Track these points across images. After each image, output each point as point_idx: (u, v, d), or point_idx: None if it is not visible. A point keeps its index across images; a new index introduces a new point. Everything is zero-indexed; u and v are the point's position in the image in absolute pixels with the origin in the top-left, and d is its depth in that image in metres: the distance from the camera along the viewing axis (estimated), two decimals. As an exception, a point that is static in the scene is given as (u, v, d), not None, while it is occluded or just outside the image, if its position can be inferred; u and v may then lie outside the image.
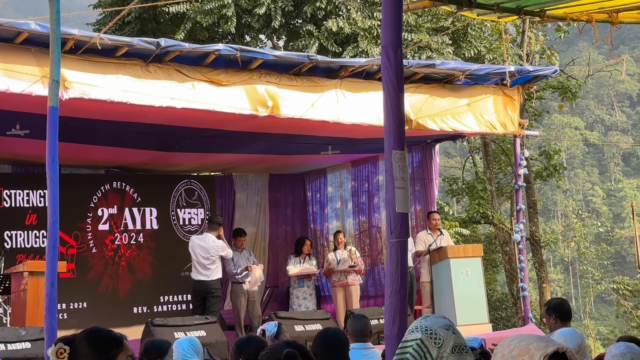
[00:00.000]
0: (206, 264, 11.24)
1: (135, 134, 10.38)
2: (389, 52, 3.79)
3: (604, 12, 7.53)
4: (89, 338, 2.76)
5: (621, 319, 31.81)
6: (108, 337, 2.79)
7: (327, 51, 16.56)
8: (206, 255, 11.23)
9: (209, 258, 11.22)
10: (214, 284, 11.25)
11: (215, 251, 11.24)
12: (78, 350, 2.71)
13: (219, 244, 11.31)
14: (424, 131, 10.81)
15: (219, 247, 11.30)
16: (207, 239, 11.35)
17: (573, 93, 21.70)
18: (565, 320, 5.94)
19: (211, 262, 11.24)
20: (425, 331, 2.67)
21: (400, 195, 3.66)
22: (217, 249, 11.26)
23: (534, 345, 2.34)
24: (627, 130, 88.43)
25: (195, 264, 11.29)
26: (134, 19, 17.73)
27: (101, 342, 2.76)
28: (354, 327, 5.65)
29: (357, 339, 5.56)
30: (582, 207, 73.23)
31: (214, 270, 11.26)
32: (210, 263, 11.24)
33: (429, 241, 11.66)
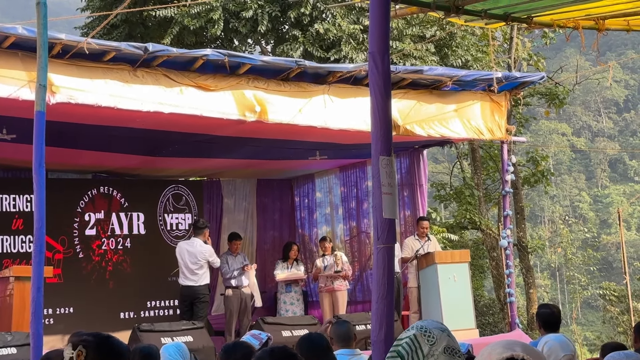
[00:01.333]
0: (194, 269, 11.20)
1: (123, 138, 10.35)
2: (376, 58, 3.80)
3: (591, 19, 7.57)
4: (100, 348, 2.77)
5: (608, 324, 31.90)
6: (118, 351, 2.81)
7: (312, 56, 16.60)
8: (194, 260, 11.20)
9: (196, 263, 11.20)
10: (201, 290, 11.23)
11: (202, 256, 11.22)
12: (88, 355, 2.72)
13: (206, 249, 11.30)
14: (411, 137, 10.83)
15: (205, 251, 11.28)
16: (194, 244, 11.32)
17: (560, 99, 21.80)
18: (550, 329, 5.96)
19: (199, 267, 11.21)
20: (420, 329, 2.72)
21: (387, 201, 3.66)
22: (204, 253, 11.24)
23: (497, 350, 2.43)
24: (614, 136, 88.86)
25: (183, 269, 11.25)
26: (121, 22, 17.71)
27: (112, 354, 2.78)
28: (337, 333, 5.64)
29: (342, 344, 5.55)
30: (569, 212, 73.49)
31: (201, 275, 11.24)
32: (197, 268, 11.21)
33: (416, 247, 11.69)
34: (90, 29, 18.21)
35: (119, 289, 12.07)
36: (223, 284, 12.20)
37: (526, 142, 18.49)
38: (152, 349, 5.53)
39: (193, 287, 11.21)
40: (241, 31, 17.07)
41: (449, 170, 27.13)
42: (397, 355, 2.72)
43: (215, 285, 13.70)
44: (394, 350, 2.73)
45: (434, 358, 2.69)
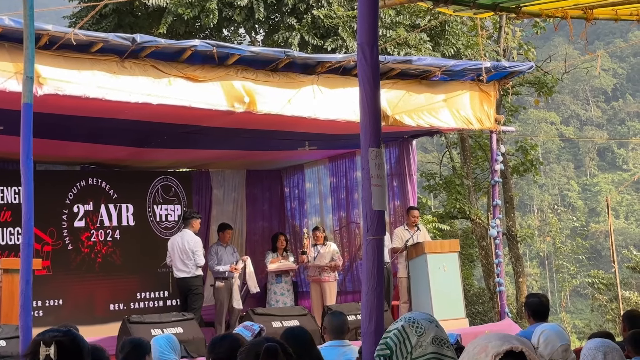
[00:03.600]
0: (184, 259, 11.19)
1: (111, 130, 10.31)
2: (365, 49, 3.79)
3: (579, 8, 7.58)
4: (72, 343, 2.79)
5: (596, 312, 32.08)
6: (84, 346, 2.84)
7: (307, 44, 16.59)
8: (184, 250, 11.18)
9: (185, 253, 11.18)
10: (193, 281, 11.20)
11: (188, 246, 11.16)
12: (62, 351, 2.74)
13: (192, 240, 11.23)
14: (400, 127, 10.82)
15: (191, 241, 11.19)
16: (184, 235, 11.30)
17: (549, 88, 21.84)
18: (539, 318, 5.98)
19: (187, 257, 11.18)
20: (408, 320, 2.74)
21: (376, 193, 3.66)
22: (189, 243, 11.16)
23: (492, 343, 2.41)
24: (602, 125, 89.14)
25: (175, 261, 11.23)
26: (110, 12, 17.63)
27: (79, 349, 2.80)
28: (332, 325, 5.64)
29: (335, 336, 5.56)
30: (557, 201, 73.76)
31: (191, 265, 11.21)
32: (187, 259, 11.18)
33: (406, 237, 11.70)
34: (79, 18, 18.13)
35: (108, 281, 12.05)
36: (212, 275, 12.18)
37: (515, 132, 18.52)
38: (142, 341, 5.52)
39: (185, 278, 11.19)
40: (236, 19, 17.03)
41: (438, 160, 27.17)
42: (386, 346, 2.73)
43: (205, 276, 13.69)
44: (383, 342, 2.75)
45: (422, 349, 2.70)
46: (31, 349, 2.80)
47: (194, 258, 11.18)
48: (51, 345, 2.74)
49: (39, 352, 2.74)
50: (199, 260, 11.20)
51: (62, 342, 2.79)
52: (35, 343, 2.80)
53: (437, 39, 18.11)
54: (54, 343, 2.76)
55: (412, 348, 2.70)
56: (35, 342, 2.80)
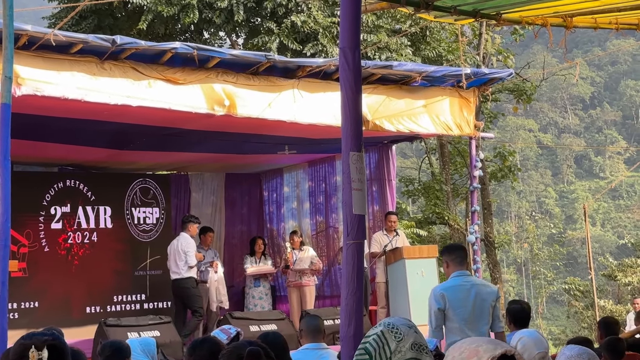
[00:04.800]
0: (177, 260, 11.35)
1: (90, 131, 10.25)
2: (347, 54, 3.79)
3: (559, 16, 7.63)
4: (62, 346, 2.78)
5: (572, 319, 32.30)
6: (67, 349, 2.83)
7: (287, 49, 16.58)
8: (177, 251, 11.36)
9: (178, 254, 11.35)
10: (184, 282, 11.31)
11: (181, 247, 11.34)
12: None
13: (184, 242, 11.42)
14: (380, 132, 10.84)
15: (183, 243, 11.38)
16: (179, 238, 11.55)
17: (528, 95, 21.99)
18: (520, 325, 6.00)
19: (179, 258, 11.34)
20: (387, 325, 2.74)
21: (357, 197, 3.66)
22: (182, 244, 11.36)
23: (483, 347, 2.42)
24: (580, 132, 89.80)
25: (170, 263, 11.42)
26: (90, 13, 17.55)
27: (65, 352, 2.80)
28: (307, 327, 5.66)
29: (311, 338, 5.57)
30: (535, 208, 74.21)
31: (182, 266, 11.33)
32: (179, 259, 11.34)
33: (384, 242, 11.71)
34: (58, 19, 18.03)
35: (85, 283, 11.95)
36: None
37: (494, 138, 18.61)
38: (123, 344, 5.48)
39: (176, 280, 11.34)
40: (215, 21, 17.00)
41: (417, 165, 27.27)
42: (365, 352, 2.73)
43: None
44: (362, 347, 2.75)
45: (401, 354, 2.70)
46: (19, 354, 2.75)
47: (185, 258, 11.30)
48: (44, 349, 2.72)
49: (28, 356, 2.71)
50: (190, 260, 11.32)
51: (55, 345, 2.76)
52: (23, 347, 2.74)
53: (417, 44, 18.18)
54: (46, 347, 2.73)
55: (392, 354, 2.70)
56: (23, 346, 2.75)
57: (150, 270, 12.44)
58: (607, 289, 31.62)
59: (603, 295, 29.56)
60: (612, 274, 29.00)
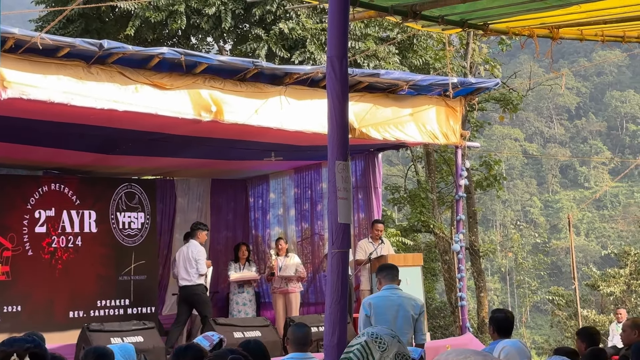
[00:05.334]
0: (187, 267, 11.47)
1: (76, 135, 10.21)
2: (334, 62, 3.80)
3: (545, 27, 7.68)
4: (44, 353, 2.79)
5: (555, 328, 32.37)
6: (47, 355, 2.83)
7: (275, 56, 16.58)
8: (188, 259, 11.47)
9: (189, 261, 11.46)
10: (195, 289, 11.43)
11: (191, 255, 11.49)
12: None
13: (195, 249, 11.56)
14: (367, 140, 10.86)
15: (194, 251, 11.53)
16: (189, 245, 11.66)
17: (514, 105, 22.07)
18: (503, 334, 6.01)
19: (190, 265, 11.45)
20: (371, 335, 2.74)
21: (342, 206, 3.66)
22: (193, 252, 11.51)
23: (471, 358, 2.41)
24: (565, 142, 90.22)
25: (180, 270, 11.52)
26: (77, 17, 17.49)
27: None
28: (295, 336, 5.63)
29: (297, 348, 5.54)
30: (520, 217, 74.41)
31: (193, 274, 11.45)
32: (190, 267, 11.45)
33: (369, 250, 11.71)
34: (45, 22, 17.97)
35: (68, 288, 11.89)
36: (177, 284, 12.16)
37: (480, 147, 18.68)
38: (107, 350, 5.46)
39: (187, 286, 11.43)
40: (203, 27, 16.99)
41: (403, 173, 27.30)
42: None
43: (166, 284, 13.60)
44: (346, 357, 2.75)
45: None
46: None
47: (197, 266, 11.45)
48: (25, 357, 2.70)
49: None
50: (201, 268, 11.48)
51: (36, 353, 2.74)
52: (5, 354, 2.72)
53: (404, 52, 18.23)
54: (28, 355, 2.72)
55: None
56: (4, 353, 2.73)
57: (134, 275, 12.39)
58: (591, 298, 31.70)
59: (586, 305, 29.64)
60: (595, 283, 29.10)
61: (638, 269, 28.07)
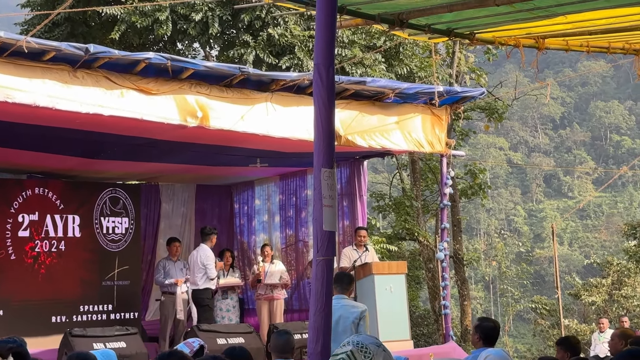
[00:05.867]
0: (196, 272, 11.61)
1: (61, 139, 10.17)
2: (321, 70, 3.80)
3: (531, 37, 7.73)
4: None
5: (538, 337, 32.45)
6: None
7: (262, 62, 16.57)
8: (196, 263, 11.62)
9: (197, 265, 11.61)
10: (200, 293, 11.59)
11: (200, 259, 11.63)
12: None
13: (203, 254, 11.70)
14: (352, 147, 10.87)
15: (203, 255, 11.68)
16: (199, 250, 11.81)
17: (499, 114, 22.15)
18: (489, 343, 6.02)
19: (198, 269, 11.62)
20: (357, 344, 2.74)
21: (328, 214, 3.66)
22: (201, 257, 11.66)
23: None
24: (550, 152, 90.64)
25: (193, 275, 11.65)
26: (63, 20, 17.42)
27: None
28: (277, 343, 5.62)
29: (280, 355, 5.53)
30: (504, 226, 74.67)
31: (200, 278, 11.60)
32: (198, 271, 11.62)
33: (353, 257, 11.70)
34: (31, 26, 17.90)
35: (51, 292, 11.82)
36: (160, 289, 12.13)
37: (465, 156, 18.74)
38: (89, 356, 5.42)
39: (195, 290, 11.62)
40: (190, 33, 16.97)
41: (388, 181, 27.34)
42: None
43: (150, 290, 13.55)
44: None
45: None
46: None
47: (205, 271, 11.60)
48: (9, 357, 2.72)
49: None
50: (210, 273, 11.65)
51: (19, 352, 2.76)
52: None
53: (391, 60, 18.27)
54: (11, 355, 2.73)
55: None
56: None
57: (118, 280, 12.33)
58: (573, 308, 31.80)
59: (569, 314, 29.73)
60: (578, 293, 29.20)
61: (620, 278, 28.20)
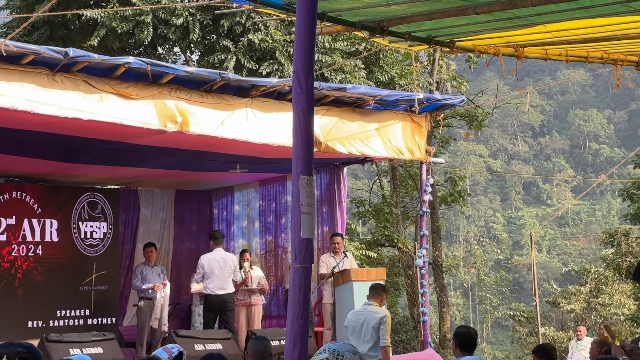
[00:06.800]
0: (227, 277, 11.68)
1: (39, 143, 10.10)
2: (300, 77, 3.80)
3: (511, 46, 7.77)
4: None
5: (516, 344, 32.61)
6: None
7: (243, 67, 16.56)
8: (228, 269, 11.72)
9: (228, 271, 11.72)
10: (228, 298, 11.70)
11: (232, 264, 11.81)
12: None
13: (234, 258, 11.95)
14: (332, 154, 10.87)
15: (234, 260, 11.90)
16: (223, 254, 11.91)
17: (479, 122, 22.27)
18: (466, 350, 6.04)
19: (229, 275, 11.75)
20: (333, 352, 2.74)
21: (306, 221, 3.66)
22: (233, 261, 11.88)
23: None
24: (529, 160, 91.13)
25: (212, 277, 11.62)
26: (42, 24, 17.33)
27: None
28: (254, 350, 5.62)
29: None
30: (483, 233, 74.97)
31: (230, 283, 11.74)
32: (228, 276, 11.73)
33: (332, 264, 11.71)
34: (10, 29, 17.80)
35: (28, 297, 11.73)
36: (137, 294, 12.06)
37: (444, 163, 18.80)
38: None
39: (222, 295, 11.63)
40: (170, 38, 16.92)
41: (368, 187, 27.38)
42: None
43: (128, 295, 13.48)
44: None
45: (347, 381, 2.70)
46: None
47: (235, 271, 11.89)
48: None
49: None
50: (237, 276, 11.95)
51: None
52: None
53: (371, 67, 18.32)
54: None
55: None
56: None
57: (95, 285, 12.24)
58: (551, 315, 31.99)
59: (547, 321, 29.91)
60: (556, 300, 29.37)
61: (598, 286, 28.40)
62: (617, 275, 27.04)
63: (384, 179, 24.89)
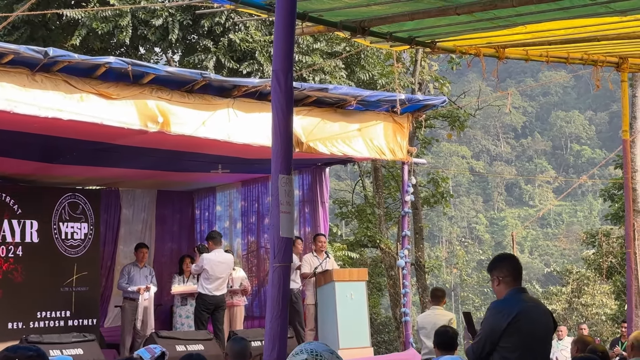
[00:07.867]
0: (225, 278, 11.68)
1: (19, 143, 10.04)
2: (279, 76, 3.80)
3: (492, 47, 7.80)
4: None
5: (499, 344, 32.69)
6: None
7: (223, 67, 16.53)
8: (227, 270, 11.70)
9: (226, 272, 11.71)
10: (223, 298, 11.72)
11: (231, 265, 11.82)
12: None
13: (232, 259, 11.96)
14: (314, 154, 10.86)
15: (232, 261, 11.90)
16: (224, 255, 11.78)
17: (461, 123, 22.33)
18: (444, 349, 6.06)
19: (227, 276, 11.77)
20: (311, 352, 2.73)
21: (285, 220, 3.65)
22: (232, 261, 11.90)
23: None
24: (511, 161, 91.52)
25: (213, 279, 11.49)
26: (22, 23, 17.22)
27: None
28: (233, 350, 5.62)
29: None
30: (465, 234, 75.20)
31: (226, 284, 11.79)
32: (226, 277, 11.76)
33: (314, 264, 11.71)
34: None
35: (8, 298, 11.63)
36: (122, 295, 12.02)
37: (427, 164, 18.84)
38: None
39: (218, 296, 11.57)
40: (150, 39, 16.86)
41: (351, 188, 27.39)
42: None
43: (109, 296, 13.42)
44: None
45: (324, 381, 2.70)
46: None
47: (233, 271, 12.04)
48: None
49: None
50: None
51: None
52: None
53: (352, 67, 18.33)
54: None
55: (315, 380, 2.71)
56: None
57: (76, 286, 12.18)
58: (533, 315, 32.12)
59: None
60: (538, 301, 29.50)
61: (580, 287, 28.54)
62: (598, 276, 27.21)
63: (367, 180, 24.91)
